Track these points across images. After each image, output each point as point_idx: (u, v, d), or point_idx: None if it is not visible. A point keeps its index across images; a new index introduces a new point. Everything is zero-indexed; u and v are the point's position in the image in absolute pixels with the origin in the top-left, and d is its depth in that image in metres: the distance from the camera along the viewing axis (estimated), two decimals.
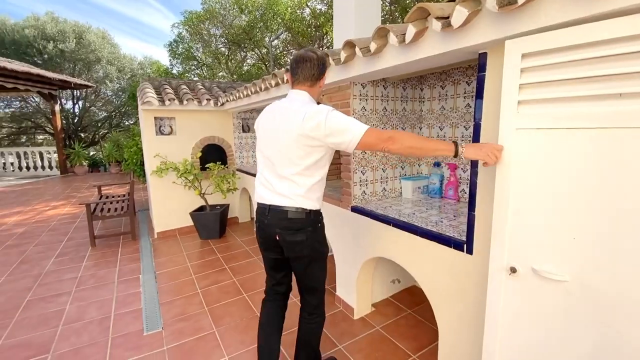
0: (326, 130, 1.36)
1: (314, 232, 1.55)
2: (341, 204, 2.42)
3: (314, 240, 1.55)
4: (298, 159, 1.44)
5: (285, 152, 1.46)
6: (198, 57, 12.47)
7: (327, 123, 1.36)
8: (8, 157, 11.45)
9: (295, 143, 1.42)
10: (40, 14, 12.96)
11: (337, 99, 2.31)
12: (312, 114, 1.38)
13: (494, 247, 1.30)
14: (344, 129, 1.36)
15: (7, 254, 3.97)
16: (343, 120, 1.37)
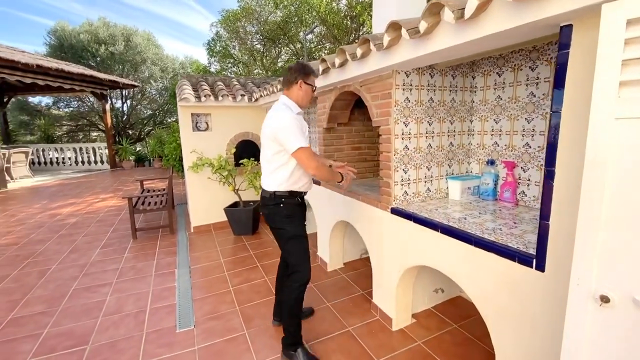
0: (276, 134, 1.80)
1: (275, 208, 1.94)
2: (379, 205, 2.23)
3: (275, 215, 1.94)
4: (267, 149, 1.90)
5: (263, 146, 1.94)
6: (234, 54, 12.71)
7: (278, 129, 1.79)
8: (66, 152, 12.50)
9: (266, 138, 1.87)
10: (94, 20, 13.93)
11: (377, 90, 2.11)
12: (276, 119, 1.82)
13: (577, 266, 1.04)
14: (285, 140, 1.78)
15: (60, 243, 4.24)
16: (287, 134, 1.77)
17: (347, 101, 2.77)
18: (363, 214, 2.47)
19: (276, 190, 1.91)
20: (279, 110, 1.85)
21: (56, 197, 7.28)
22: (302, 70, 1.90)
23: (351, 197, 2.59)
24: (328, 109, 2.79)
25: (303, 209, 2.07)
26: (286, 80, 1.94)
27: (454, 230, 1.64)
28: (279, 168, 1.89)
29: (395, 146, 2.05)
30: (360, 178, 3.18)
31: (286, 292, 1.98)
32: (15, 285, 3.08)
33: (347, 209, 2.70)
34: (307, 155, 1.79)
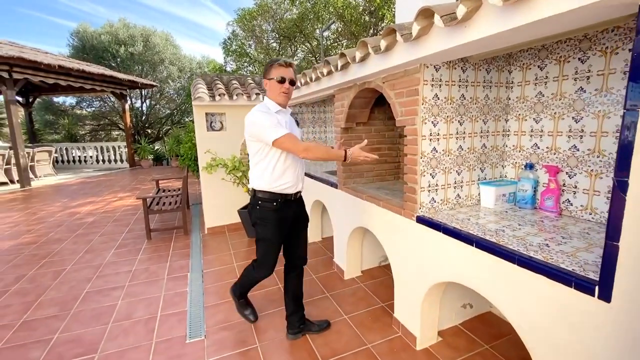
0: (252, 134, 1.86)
1: (252, 208, 2.01)
2: (403, 212, 2.04)
3: (251, 213, 2.02)
4: (249, 148, 1.95)
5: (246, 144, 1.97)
6: (250, 53, 12.67)
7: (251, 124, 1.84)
8: (89, 151, 12.83)
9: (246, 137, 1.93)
10: (115, 21, 14.22)
11: (402, 86, 1.92)
12: (247, 118, 1.87)
13: None
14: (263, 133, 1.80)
15: (77, 243, 4.25)
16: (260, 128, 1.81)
17: (367, 99, 2.59)
18: (384, 222, 2.29)
19: (256, 187, 1.97)
20: (250, 111, 1.90)
21: (77, 195, 7.42)
22: (265, 68, 1.95)
23: (370, 202, 2.41)
24: (346, 108, 2.61)
25: (282, 214, 1.99)
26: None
27: (492, 246, 1.44)
28: (258, 163, 1.94)
29: (422, 148, 1.85)
30: (380, 181, 2.99)
31: (248, 268, 2.25)
32: (30, 286, 3.07)
33: (366, 215, 2.52)
34: (288, 140, 1.77)
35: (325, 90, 2.91)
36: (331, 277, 3.06)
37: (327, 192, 3.26)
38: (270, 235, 2.00)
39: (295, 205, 2.07)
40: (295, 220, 2.09)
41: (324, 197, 3.38)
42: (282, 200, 1.97)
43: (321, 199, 3.47)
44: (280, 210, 1.97)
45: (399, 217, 2.09)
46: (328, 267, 3.27)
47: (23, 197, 7.31)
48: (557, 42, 1.81)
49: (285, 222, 2.02)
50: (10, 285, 3.08)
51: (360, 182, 2.91)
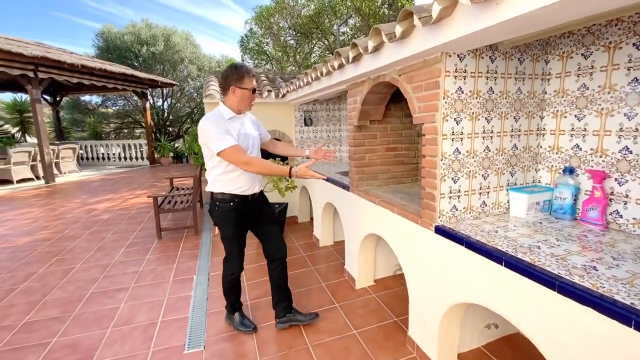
0: (203, 140, 1.88)
1: (212, 209, 2.07)
2: (420, 221, 1.81)
3: (212, 214, 2.08)
4: (203, 153, 1.98)
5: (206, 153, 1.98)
6: (268, 51, 12.61)
7: (200, 132, 1.86)
8: (112, 149, 13.19)
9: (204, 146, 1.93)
10: (138, 22, 14.54)
11: (421, 79, 1.70)
12: (200, 125, 1.86)
13: None
14: (210, 143, 1.83)
15: (89, 240, 4.26)
16: (208, 138, 1.83)
17: (382, 94, 2.37)
18: (399, 230, 2.07)
19: (212, 190, 2.03)
20: (204, 118, 1.90)
21: (96, 192, 7.57)
22: (234, 73, 1.90)
23: (384, 208, 2.20)
24: (359, 104, 2.41)
25: (240, 213, 2.06)
26: (220, 87, 1.98)
27: (527, 267, 1.20)
28: (214, 168, 1.99)
29: (442, 149, 1.63)
30: (396, 183, 2.77)
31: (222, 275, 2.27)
32: (38, 285, 3.05)
33: (379, 221, 2.31)
34: (232, 152, 1.80)
35: (337, 85, 2.72)
36: (341, 285, 2.87)
37: (338, 194, 3.06)
38: (230, 234, 2.09)
39: (255, 204, 2.14)
40: (258, 217, 2.17)
41: (335, 200, 3.19)
42: (239, 200, 2.03)
43: (332, 202, 3.28)
44: (238, 210, 2.04)
45: (415, 226, 1.87)
46: (339, 274, 3.07)
47: (46, 193, 7.53)
48: (607, 24, 1.53)
49: (245, 221, 2.11)
50: (19, 284, 3.08)
51: (374, 184, 2.70)
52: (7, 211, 5.94)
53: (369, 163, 2.65)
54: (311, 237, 4.08)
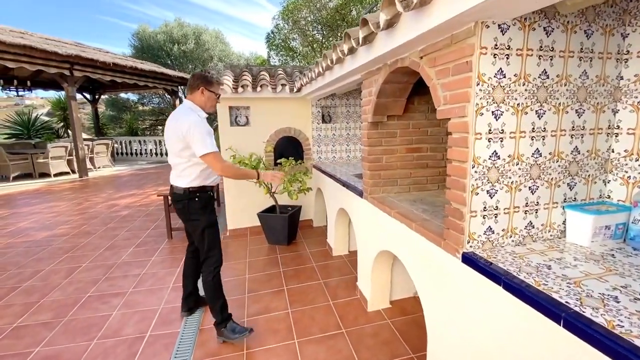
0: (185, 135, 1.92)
1: (190, 202, 2.06)
2: (443, 244, 1.42)
3: (190, 208, 2.07)
4: (176, 149, 1.98)
5: (171, 146, 2.01)
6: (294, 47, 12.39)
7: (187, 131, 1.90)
8: (146, 145, 13.63)
9: (176, 138, 1.96)
10: (171, 21, 14.92)
11: (447, 61, 1.30)
12: (185, 122, 1.91)
13: None
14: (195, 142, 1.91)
15: (102, 238, 4.22)
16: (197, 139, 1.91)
17: (402, 84, 1.97)
18: (417, 252, 1.68)
19: (192, 185, 2.05)
20: (187, 114, 1.96)
21: (123, 187, 7.73)
22: (204, 78, 2.07)
23: (400, 222, 1.81)
24: (374, 96, 2.03)
25: (213, 200, 2.21)
26: (189, 86, 2.07)
27: (604, 338, 0.79)
28: (192, 167, 2.02)
29: (475, 152, 1.22)
30: (418, 190, 2.36)
31: (204, 278, 2.15)
32: (40, 284, 2.98)
33: (394, 237, 1.93)
34: (214, 159, 1.95)
35: (351, 75, 2.35)
36: (351, 305, 2.51)
37: (351, 200, 2.70)
38: (214, 220, 2.17)
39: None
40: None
41: (348, 206, 2.83)
42: (212, 189, 2.18)
43: (345, 208, 2.91)
44: (213, 197, 2.19)
45: (437, 250, 1.48)
46: (350, 291, 2.71)
47: (77, 187, 7.80)
48: None
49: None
50: (23, 282, 3.03)
51: (391, 191, 2.30)
52: (37, 204, 6.16)
53: (386, 166, 2.27)
54: (325, 245, 3.74)
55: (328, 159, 4.32)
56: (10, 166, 8.48)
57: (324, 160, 4.30)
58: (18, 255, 3.66)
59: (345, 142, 4.36)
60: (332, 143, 4.31)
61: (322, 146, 4.27)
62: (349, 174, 3.23)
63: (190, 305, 2.45)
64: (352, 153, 4.40)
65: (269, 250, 3.66)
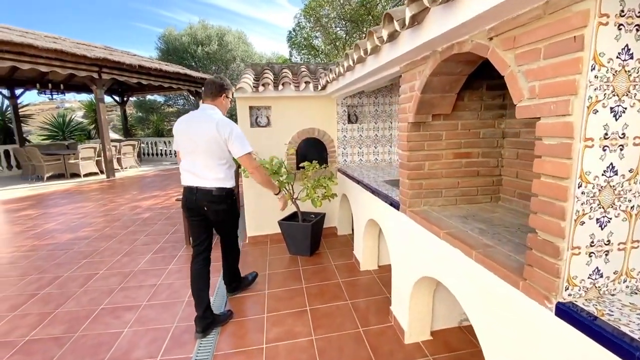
0: (227, 138, 2.06)
1: (228, 199, 2.21)
2: (523, 285, 1.06)
3: (231, 212, 2.30)
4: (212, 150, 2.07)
5: (205, 145, 2.06)
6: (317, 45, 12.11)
7: (230, 134, 2.06)
8: (171, 145, 13.86)
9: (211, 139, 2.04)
10: (195, 23, 15.08)
11: (537, 38, 0.95)
12: (223, 122, 2.06)
13: None
14: (236, 144, 2.09)
15: (122, 242, 4.12)
16: (239, 140, 2.09)
17: (455, 76, 1.62)
18: (478, 287, 1.32)
19: (227, 186, 2.16)
20: (221, 117, 2.11)
21: (146, 188, 7.77)
22: (226, 86, 2.22)
23: (453, 247, 1.46)
24: (418, 92, 1.69)
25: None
26: (211, 92, 2.18)
27: None
28: (228, 168, 2.18)
29: (583, 165, 0.87)
30: (468, 203, 1.99)
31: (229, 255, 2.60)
32: (57, 292, 2.86)
33: (444, 263, 1.58)
34: (251, 157, 2.15)
35: (387, 67, 2.02)
36: (385, 335, 2.17)
37: (384, 211, 2.36)
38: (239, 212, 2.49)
39: None
40: None
41: (380, 218, 2.50)
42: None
43: (376, 219, 2.58)
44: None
45: (511, 291, 1.12)
46: (382, 317, 2.37)
47: (104, 188, 7.92)
48: None
49: None
50: (42, 288, 2.93)
51: (435, 203, 1.95)
52: (66, 204, 6.25)
53: (429, 174, 1.92)
54: (351, 257, 3.41)
55: (354, 162, 3.99)
56: (44, 166, 8.76)
57: (349, 163, 3.97)
58: (40, 259, 3.60)
59: (373, 143, 4.01)
60: (359, 145, 3.98)
61: (348, 148, 3.95)
62: (378, 180, 2.90)
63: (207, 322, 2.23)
64: (380, 156, 4.05)
65: (290, 262, 3.39)
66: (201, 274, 2.24)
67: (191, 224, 2.27)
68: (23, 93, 10.68)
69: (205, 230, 2.27)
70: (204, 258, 2.27)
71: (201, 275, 2.23)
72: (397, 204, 2.09)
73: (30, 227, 4.81)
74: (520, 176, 1.85)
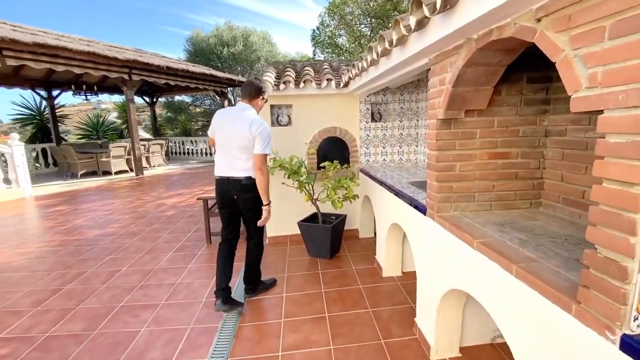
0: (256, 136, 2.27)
1: (255, 194, 2.38)
2: (576, 310, 0.89)
3: (256, 199, 2.41)
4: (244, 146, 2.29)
5: (234, 140, 2.30)
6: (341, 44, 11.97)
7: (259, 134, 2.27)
8: (197, 144, 14.21)
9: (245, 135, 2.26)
10: (221, 25, 15.38)
11: (600, 14, 0.78)
12: (257, 122, 2.29)
13: None
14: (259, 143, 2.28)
15: (145, 239, 4.19)
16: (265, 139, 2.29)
17: (492, 67, 1.45)
18: (518, 306, 1.16)
19: (250, 176, 2.34)
20: (257, 117, 2.35)
21: (172, 185, 7.96)
22: (263, 88, 2.46)
23: (489, 259, 1.30)
24: (449, 85, 1.53)
25: None
26: (248, 94, 2.41)
27: None
28: (251, 160, 2.33)
29: None
30: (504, 208, 1.80)
31: (252, 249, 2.63)
32: (80, 288, 2.93)
33: (477, 275, 1.42)
34: (263, 158, 2.32)
35: (414, 60, 1.87)
36: (409, 349, 2.02)
37: (409, 215, 2.21)
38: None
39: None
40: None
41: (404, 222, 2.34)
42: None
43: (400, 224, 2.43)
44: None
45: (559, 314, 0.96)
46: (406, 328, 2.21)
47: (132, 185, 8.20)
48: None
49: None
50: (66, 284, 3.01)
51: (467, 208, 1.78)
52: (96, 201, 6.51)
53: (460, 176, 1.75)
54: (373, 261, 3.27)
55: (377, 162, 3.84)
56: (78, 164, 9.22)
57: (372, 163, 3.82)
58: (67, 255, 3.72)
59: (397, 143, 3.84)
60: (383, 144, 3.82)
61: (370, 148, 3.80)
62: (403, 182, 2.74)
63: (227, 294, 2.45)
64: (405, 156, 3.87)
65: (309, 264, 3.29)
66: (227, 254, 2.53)
67: (222, 215, 2.52)
68: (60, 94, 11.30)
69: (234, 221, 2.54)
70: (231, 240, 2.56)
71: (227, 254, 2.53)
72: (423, 208, 1.94)
73: (60, 222, 5.02)
74: (567, 179, 1.64)
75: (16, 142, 6.74)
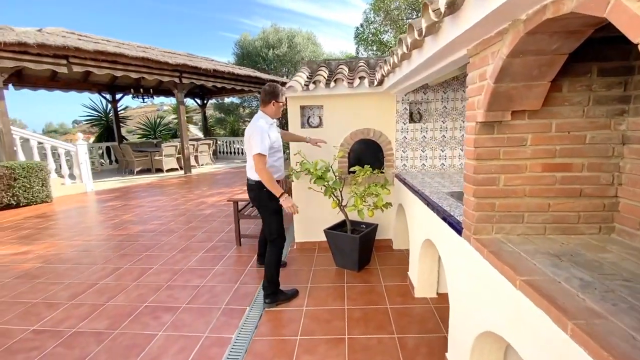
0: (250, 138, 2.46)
1: (260, 192, 2.54)
2: None
3: (261, 196, 2.55)
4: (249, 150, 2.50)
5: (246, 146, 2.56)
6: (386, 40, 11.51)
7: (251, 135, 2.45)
8: (243, 144, 14.73)
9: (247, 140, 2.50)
10: (268, 27, 15.74)
11: None
12: (251, 125, 2.52)
13: None
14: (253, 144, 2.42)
15: (181, 237, 4.32)
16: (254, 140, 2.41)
17: (547, 56, 1.13)
18: None
19: (259, 180, 2.48)
20: (256, 121, 2.52)
21: (215, 184, 8.26)
22: (274, 94, 2.55)
23: (535, 305, 0.99)
24: (490, 80, 1.23)
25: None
26: (261, 100, 2.59)
27: None
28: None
29: None
30: (562, 233, 1.44)
31: (267, 256, 2.63)
32: (113, 284, 3.06)
33: (517, 321, 1.11)
34: (258, 158, 2.40)
35: (449, 51, 1.57)
36: None
37: (441, 233, 1.91)
38: (278, 208, 2.59)
39: None
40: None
41: (436, 239, 2.04)
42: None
43: (433, 241, 2.12)
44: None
45: None
46: None
47: (180, 183, 8.67)
48: None
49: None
50: (102, 279, 3.17)
51: (512, 231, 1.45)
52: (146, 197, 6.97)
53: (504, 191, 1.43)
54: (405, 278, 2.96)
55: (415, 167, 3.50)
56: (135, 162, 10.01)
57: (409, 169, 3.50)
58: (110, 249, 3.96)
59: (439, 146, 3.47)
60: (422, 147, 3.47)
61: (408, 151, 3.48)
62: (441, 191, 2.41)
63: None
64: (448, 160, 3.48)
65: (335, 275, 3.09)
66: (260, 251, 3.09)
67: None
68: (122, 97, 12.40)
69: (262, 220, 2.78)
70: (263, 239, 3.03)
71: (260, 251, 3.00)
72: (459, 227, 1.63)
73: (111, 217, 5.41)
74: None
75: (80, 142, 7.47)
